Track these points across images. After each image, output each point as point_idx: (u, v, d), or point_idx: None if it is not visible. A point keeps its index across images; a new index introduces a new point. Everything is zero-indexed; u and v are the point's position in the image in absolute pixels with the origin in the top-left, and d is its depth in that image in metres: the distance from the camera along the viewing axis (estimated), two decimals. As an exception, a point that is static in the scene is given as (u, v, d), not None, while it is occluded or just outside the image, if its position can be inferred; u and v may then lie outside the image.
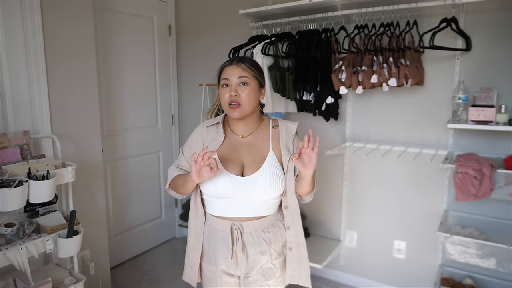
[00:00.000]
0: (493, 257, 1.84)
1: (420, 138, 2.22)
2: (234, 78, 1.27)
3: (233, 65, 1.29)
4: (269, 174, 1.29)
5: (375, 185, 2.41)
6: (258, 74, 1.31)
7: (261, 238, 1.34)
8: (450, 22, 1.90)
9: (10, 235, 1.62)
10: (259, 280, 1.37)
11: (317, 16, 2.26)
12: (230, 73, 1.28)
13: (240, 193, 1.28)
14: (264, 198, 1.30)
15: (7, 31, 1.82)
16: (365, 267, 2.53)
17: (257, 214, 1.34)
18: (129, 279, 2.68)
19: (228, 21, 2.84)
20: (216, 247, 1.35)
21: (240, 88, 1.27)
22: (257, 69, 1.32)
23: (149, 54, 2.96)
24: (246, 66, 1.29)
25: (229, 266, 1.36)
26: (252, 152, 1.33)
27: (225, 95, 1.28)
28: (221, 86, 1.31)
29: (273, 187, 1.28)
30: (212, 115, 2.63)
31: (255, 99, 1.30)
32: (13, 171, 1.62)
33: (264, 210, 1.34)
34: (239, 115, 1.28)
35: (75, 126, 2.14)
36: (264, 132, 1.37)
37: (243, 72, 1.28)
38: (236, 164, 1.31)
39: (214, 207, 1.35)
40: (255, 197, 1.29)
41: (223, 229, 1.33)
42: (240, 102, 1.27)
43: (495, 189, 1.84)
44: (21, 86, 1.90)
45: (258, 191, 1.28)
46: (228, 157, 1.32)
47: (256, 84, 1.30)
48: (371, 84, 2.02)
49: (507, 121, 1.78)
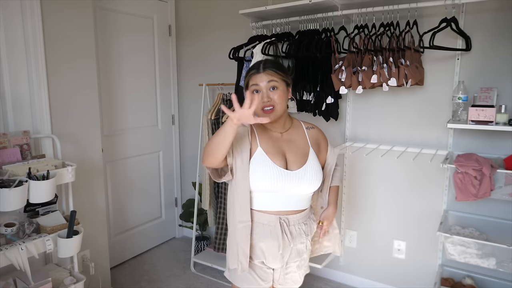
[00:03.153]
0: (493, 257, 1.84)
1: (420, 138, 2.22)
2: (264, 84, 1.35)
3: (261, 73, 1.36)
4: (313, 169, 1.40)
5: (375, 185, 2.41)
6: (285, 76, 1.38)
7: (302, 230, 1.44)
8: (450, 22, 1.90)
9: (10, 235, 1.62)
10: (293, 271, 1.49)
11: (317, 16, 2.26)
12: (259, 80, 1.35)
13: (287, 186, 1.35)
14: (309, 191, 1.42)
15: (7, 31, 1.83)
16: (365, 267, 2.53)
17: (299, 207, 1.43)
18: (129, 279, 2.68)
19: (228, 21, 2.84)
20: (261, 241, 1.38)
21: (271, 93, 1.35)
22: (283, 71, 1.39)
23: (149, 54, 2.96)
24: (273, 71, 1.35)
25: (275, 259, 1.41)
26: (293, 147, 1.42)
27: (256, 99, 1.31)
28: (250, 92, 1.37)
29: (317, 181, 1.41)
30: (212, 115, 2.63)
31: (285, 99, 1.39)
32: (13, 171, 1.62)
33: (305, 203, 1.45)
34: (274, 118, 1.37)
35: (75, 126, 2.14)
36: (300, 131, 1.49)
37: (272, 77, 1.35)
38: (281, 157, 1.38)
39: (261, 201, 1.39)
40: (300, 191, 1.38)
41: (270, 223, 1.38)
42: (274, 105, 1.35)
43: (495, 189, 1.84)
44: (21, 86, 1.90)
45: (305, 185, 1.38)
46: (273, 151, 1.38)
47: (284, 85, 1.38)
48: (371, 84, 2.02)
49: (507, 121, 1.78)
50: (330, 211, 1.59)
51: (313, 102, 2.29)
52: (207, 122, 2.66)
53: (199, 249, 2.97)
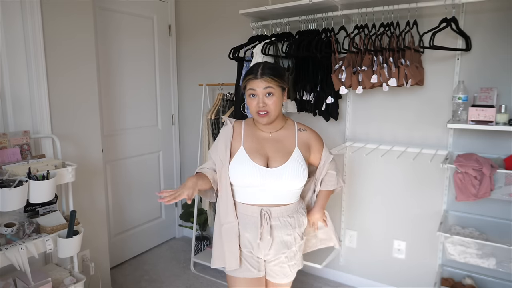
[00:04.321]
0: (493, 257, 1.84)
1: (420, 138, 2.22)
2: (261, 89, 1.41)
3: (258, 79, 1.41)
4: (294, 167, 1.45)
5: (375, 185, 2.41)
6: (281, 82, 1.44)
7: (287, 222, 1.48)
8: (450, 22, 1.90)
9: (10, 235, 1.62)
10: (282, 262, 1.52)
11: (317, 16, 2.26)
12: (256, 85, 1.41)
13: (267, 182, 1.43)
14: (290, 188, 1.46)
15: (7, 31, 1.83)
16: (365, 267, 2.53)
17: (283, 201, 1.49)
18: (129, 279, 2.68)
19: (228, 21, 2.84)
20: (247, 231, 1.47)
21: (266, 99, 1.42)
22: (280, 76, 1.43)
23: (149, 54, 2.96)
24: (270, 78, 1.40)
25: (259, 249, 1.48)
26: (277, 147, 1.49)
27: (253, 103, 1.43)
28: (248, 95, 1.45)
29: (298, 179, 1.46)
30: (212, 115, 2.63)
31: (280, 104, 1.46)
32: (13, 171, 1.62)
33: (289, 198, 1.50)
34: (268, 122, 1.45)
35: (75, 126, 2.14)
36: (290, 132, 1.54)
37: (268, 84, 1.40)
38: (262, 156, 1.46)
39: (244, 195, 1.48)
40: (280, 186, 1.44)
41: (253, 214, 1.46)
42: (268, 110, 1.42)
43: (495, 189, 1.84)
44: (21, 86, 1.90)
45: (285, 181, 1.43)
46: (255, 150, 1.47)
47: (280, 91, 1.44)
48: (371, 84, 2.02)
49: (507, 121, 1.78)
50: (312, 213, 1.66)
51: (313, 102, 2.29)
52: (207, 122, 2.66)
53: (199, 249, 2.97)
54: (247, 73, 1.47)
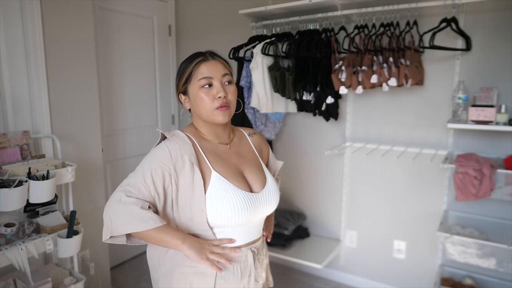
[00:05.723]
0: (493, 257, 1.84)
1: (420, 138, 2.22)
2: (219, 76, 1.07)
3: (213, 60, 1.08)
4: (273, 185, 1.17)
5: (375, 185, 2.41)
6: (232, 72, 1.15)
7: (263, 256, 1.22)
8: (450, 22, 1.90)
9: (10, 235, 1.62)
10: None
11: (317, 16, 2.25)
12: (213, 70, 1.07)
13: (257, 212, 1.09)
14: (272, 211, 1.18)
15: (7, 31, 1.82)
16: (365, 267, 2.53)
17: (261, 231, 1.20)
18: (129, 279, 2.68)
19: (228, 21, 2.84)
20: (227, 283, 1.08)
21: (226, 88, 1.08)
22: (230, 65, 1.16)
23: (149, 54, 2.96)
24: (224, 61, 1.11)
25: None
26: (243, 162, 1.15)
27: (209, 95, 1.06)
28: (199, 87, 1.07)
29: (278, 197, 1.18)
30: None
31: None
32: (13, 171, 1.62)
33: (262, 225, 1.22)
34: (228, 119, 1.10)
35: (75, 126, 2.14)
36: (244, 140, 1.23)
37: (226, 69, 1.10)
38: (241, 179, 1.10)
39: (232, 237, 1.09)
40: (266, 213, 1.15)
41: (241, 258, 1.10)
42: (229, 104, 1.08)
43: (495, 189, 1.84)
44: (21, 86, 1.90)
45: (271, 206, 1.14)
46: (231, 172, 1.09)
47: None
48: (371, 84, 2.02)
49: (507, 121, 1.78)
50: (270, 222, 1.34)
51: (313, 102, 2.29)
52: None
53: (199, 249, 2.97)
54: (191, 58, 1.09)
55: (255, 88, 2.29)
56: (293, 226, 2.48)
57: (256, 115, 2.44)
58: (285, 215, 2.55)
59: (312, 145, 2.59)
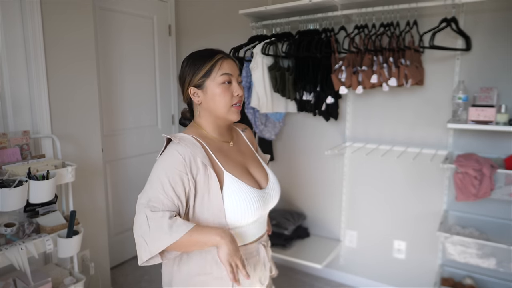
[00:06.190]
0: (493, 257, 1.84)
1: (420, 138, 2.22)
2: (236, 75, 1.11)
3: (230, 59, 1.12)
4: (274, 178, 1.21)
5: (375, 185, 2.41)
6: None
7: (269, 249, 1.26)
8: (450, 22, 1.90)
9: (10, 235, 1.62)
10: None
11: (317, 16, 2.25)
12: (232, 69, 1.10)
13: (268, 206, 1.14)
14: (276, 203, 1.22)
15: (7, 31, 1.83)
16: (365, 267, 2.53)
17: (266, 225, 1.23)
18: (129, 279, 2.68)
19: (228, 21, 2.84)
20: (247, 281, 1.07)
21: (240, 87, 1.12)
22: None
23: (149, 54, 2.96)
24: (237, 62, 1.15)
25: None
26: (245, 158, 1.18)
27: (228, 93, 1.08)
28: (220, 82, 1.07)
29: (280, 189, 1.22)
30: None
31: None
32: (13, 171, 1.62)
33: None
34: (239, 117, 1.14)
35: (75, 126, 2.14)
36: (240, 137, 1.26)
37: (238, 70, 1.14)
38: (249, 176, 1.13)
39: (247, 234, 1.11)
40: (272, 206, 1.18)
41: (254, 253, 1.14)
42: (241, 103, 1.13)
43: (495, 189, 1.84)
44: (21, 86, 1.90)
45: (276, 198, 1.18)
46: (240, 171, 1.11)
47: None
48: (371, 84, 2.02)
49: (507, 121, 1.78)
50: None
51: (313, 102, 2.29)
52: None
53: (199, 249, 2.97)
54: (206, 54, 1.09)
55: (255, 88, 2.29)
56: (293, 226, 2.47)
57: (256, 115, 2.44)
58: (285, 215, 2.55)
59: (312, 145, 2.59)
